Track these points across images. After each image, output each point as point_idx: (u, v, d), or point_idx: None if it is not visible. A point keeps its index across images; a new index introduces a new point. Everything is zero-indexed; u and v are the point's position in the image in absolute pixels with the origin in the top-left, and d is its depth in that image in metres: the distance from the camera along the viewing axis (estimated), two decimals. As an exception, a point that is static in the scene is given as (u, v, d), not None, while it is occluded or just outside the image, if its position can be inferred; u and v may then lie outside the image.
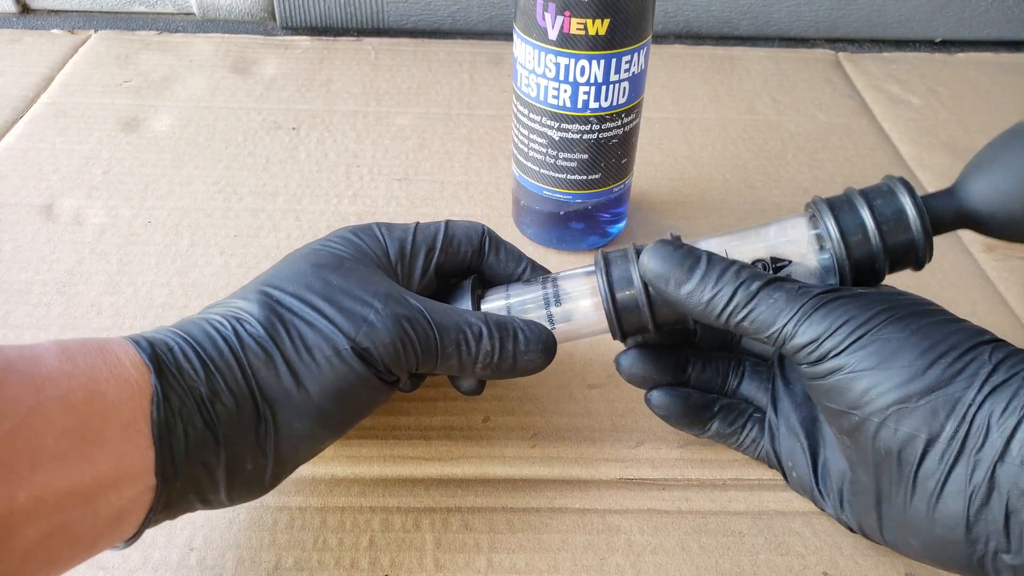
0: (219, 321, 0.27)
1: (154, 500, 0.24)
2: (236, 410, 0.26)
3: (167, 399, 0.24)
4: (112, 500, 0.23)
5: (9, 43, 0.61)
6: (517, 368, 0.31)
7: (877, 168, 0.53)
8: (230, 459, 0.26)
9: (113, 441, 0.23)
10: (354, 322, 0.28)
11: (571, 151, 0.40)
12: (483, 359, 0.30)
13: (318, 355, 0.27)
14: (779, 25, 0.68)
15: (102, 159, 0.50)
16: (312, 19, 0.66)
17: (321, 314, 0.28)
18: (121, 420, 0.23)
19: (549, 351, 0.31)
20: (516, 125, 0.42)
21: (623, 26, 0.36)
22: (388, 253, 0.31)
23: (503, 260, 0.34)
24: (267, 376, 0.26)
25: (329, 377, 0.27)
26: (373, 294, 0.29)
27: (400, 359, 0.28)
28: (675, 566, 0.31)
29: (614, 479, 0.34)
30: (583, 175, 0.41)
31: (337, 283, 0.29)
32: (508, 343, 0.30)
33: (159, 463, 0.24)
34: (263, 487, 0.28)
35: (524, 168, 0.42)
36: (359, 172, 0.51)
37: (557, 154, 0.40)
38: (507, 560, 0.31)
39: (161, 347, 0.26)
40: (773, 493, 0.33)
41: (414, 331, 0.29)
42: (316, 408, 0.27)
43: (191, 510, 0.27)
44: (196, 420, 0.25)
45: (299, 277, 0.29)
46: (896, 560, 0.31)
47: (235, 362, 0.26)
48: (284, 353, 0.27)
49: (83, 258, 0.43)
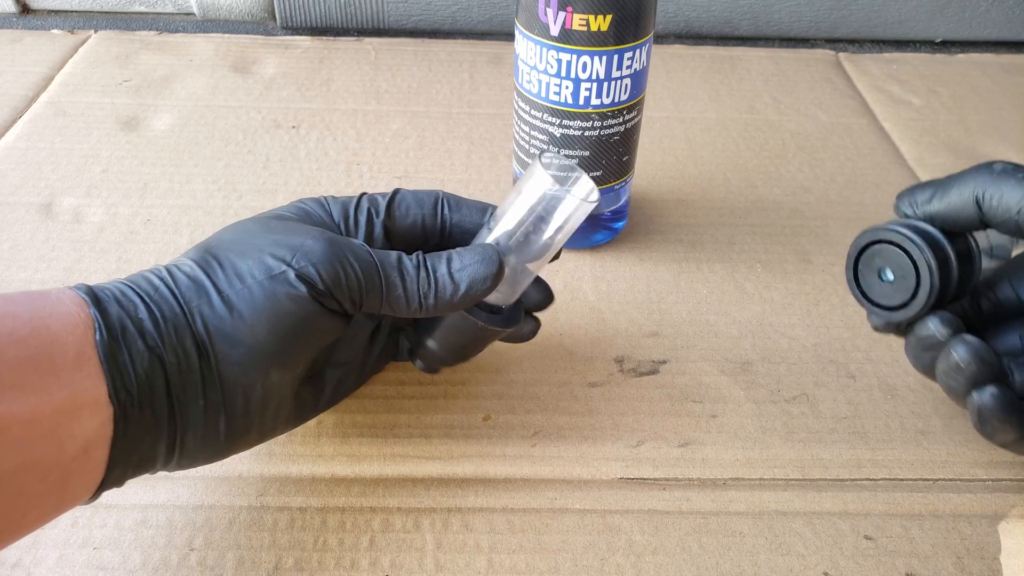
0: (156, 268, 0.28)
1: (114, 431, 0.25)
2: (176, 338, 0.26)
3: (109, 328, 0.25)
4: (75, 431, 0.24)
5: (9, 43, 0.61)
6: (467, 291, 0.30)
7: (877, 168, 0.53)
8: (180, 389, 0.26)
9: (65, 370, 0.24)
10: (290, 248, 0.28)
11: (572, 148, 0.40)
12: (424, 284, 0.29)
13: (249, 280, 0.27)
14: (779, 25, 0.68)
15: (101, 158, 0.50)
16: (312, 19, 0.66)
17: (255, 247, 0.28)
18: (70, 351, 0.24)
19: (489, 260, 0.30)
20: (517, 122, 0.42)
21: (625, 22, 0.36)
22: (332, 215, 0.32)
23: (467, 215, 0.33)
24: (200, 304, 0.27)
25: (261, 301, 0.27)
26: (310, 229, 0.29)
27: (341, 280, 0.28)
28: (675, 566, 0.31)
29: (614, 479, 0.34)
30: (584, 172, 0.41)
31: (275, 225, 0.29)
32: (441, 266, 0.30)
33: (112, 387, 0.24)
34: (218, 435, 0.27)
35: (525, 165, 0.42)
36: (359, 170, 0.50)
37: (558, 151, 0.40)
38: (507, 560, 0.31)
39: (98, 288, 0.27)
40: (773, 493, 0.33)
41: (354, 256, 0.28)
42: (251, 333, 0.27)
43: (153, 464, 0.27)
44: (139, 344, 0.25)
45: (237, 226, 0.30)
46: (896, 560, 0.31)
47: (170, 294, 0.27)
48: (216, 282, 0.27)
49: (82, 256, 0.43)
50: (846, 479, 0.34)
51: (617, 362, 0.39)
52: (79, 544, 0.30)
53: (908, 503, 0.33)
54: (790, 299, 0.43)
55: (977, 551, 0.32)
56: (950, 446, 0.36)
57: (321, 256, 0.28)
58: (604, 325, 0.41)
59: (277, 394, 0.29)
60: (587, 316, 0.41)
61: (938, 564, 0.31)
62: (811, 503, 0.33)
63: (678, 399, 0.37)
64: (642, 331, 0.41)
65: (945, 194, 0.31)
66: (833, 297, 0.43)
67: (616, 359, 0.39)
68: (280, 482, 0.33)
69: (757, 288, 0.44)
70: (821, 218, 0.49)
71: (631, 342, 0.40)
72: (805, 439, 0.36)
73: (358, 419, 0.35)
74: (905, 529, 0.32)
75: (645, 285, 0.43)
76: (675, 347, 0.40)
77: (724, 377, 0.38)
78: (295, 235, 0.28)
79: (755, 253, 0.46)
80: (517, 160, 0.43)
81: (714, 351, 0.40)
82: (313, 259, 0.28)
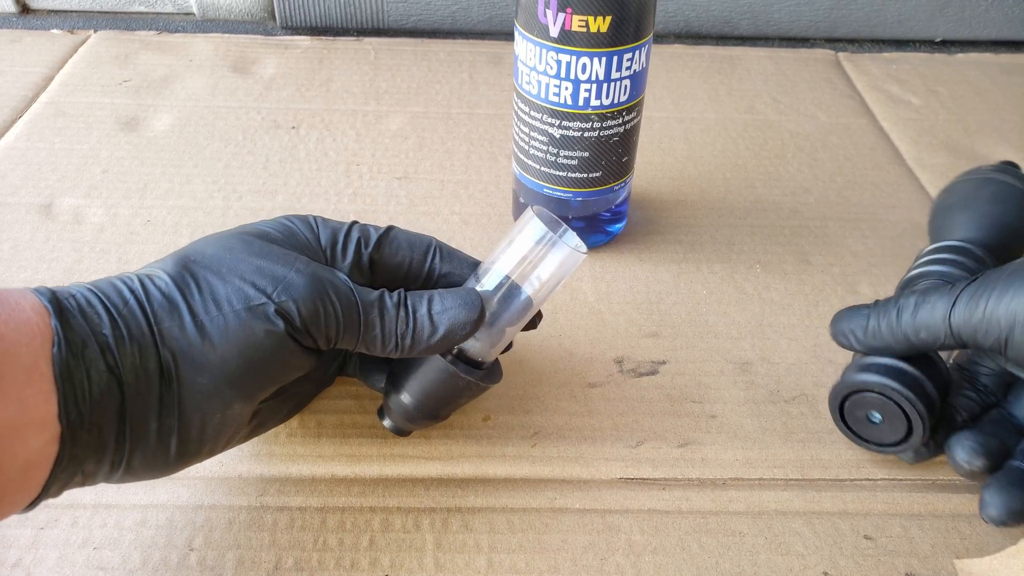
0: (129, 277, 0.27)
1: (59, 451, 0.23)
2: (140, 359, 0.25)
3: (68, 341, 0.23)
4: (16, 451, 0.22)
5: (9, 43, 0.61)
6: (445, 335, 0.29)
7: (877, 168, 0.53)
8: (134, 412, 0.25)
9: (15, 385, 0.22)
10: (272, 279, 0.27)
11: (572, 149, 0.40)
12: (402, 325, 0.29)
13: (226, 308, 0.26)
14: (779, 25, 0.68)
15: (101, 158, 0.50)
16: (312, 19, 0.66)
17: (236, 272, 0.27)
18: (23, 363, 0.22)
19: (470, 305, 0.29)
20: (517, 122, 0.42)
21: (625, 23, 0.36)
22: (319, 238, 0.30)
23: (456, 268, 0.32)
24: (171, 326, 0.25)
25: (236, 331, 0.26)
26: (295, 259, 0.28)
27: (319, 319, 0.27)
28: (675, 566, 0.31)
29: (614, 479, 0.34)
30: (584, 173, 0.41)
31: (259, 247, 0.28)
32: (422, 307, 0.29)
33: (63, 408, 0.23)
34: (167, 457, 0.26)
35: (524, 166, 0.42)
36: (359, 171, 0.50)
37: (558, 152, 0.40)
38: (507, 560, 0.31)
39: (63, 294, 0.25)
40: (773, 493, 0.33)
41: (336, 293, 0.28)
42: (220, 363, 0.26)
43: (94, 479, 0.25)
44: (99, 364, 0.24)
45: (219, 241, 0.28)
46: (896, 560, 0.31)
47: (139, 311, 0.25)
48: (191, 305, 0.26)
49: (82, 257, 0.43)
50: (845, 479, 0.34)
51: (617, 363, 0.39)
52: (79, 544, 0.30)
53: (908, 503, 0.33)
54: (789, 299, 0.43)
55: (977, 551, 0.32)
56: (949, 446, 0.36)
57: (303, 292, 0.27)
58: (604, 326, 0.41)
59: (235, 421, 0.28)
60: (587, 317, 0.41)
61: (938, 564, 0.31)
62: (811, 503, 0.33)
63: (677, 399, 0.37)
64: (642, 332, 0.41)
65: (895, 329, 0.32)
66: (832, 297, 0.43)
67: (616, 360, 0.39)
68: (280, 482, 0.33)
69: (756, 289, 0.44)
70: (820, 218, 0.49)
71: (631, 343, 0.40)
72: (804, 439, 0.36)
73: (358, 419, 0.35)
74: (905, 529, 0.32)
75: (645, 286, 0.43)
76: (675, 347, 0.40)
77: (723, 377, 0.38)
78: (278, 263, 0.28)
79: (754, 254, 0.46)
80: (517, 161, 0.43)
81: (713, 351, 0.40)
82: (294, 294, 0.27)
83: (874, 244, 0.47)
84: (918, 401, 0.32)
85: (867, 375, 0.32)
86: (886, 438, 0.33)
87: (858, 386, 0.33)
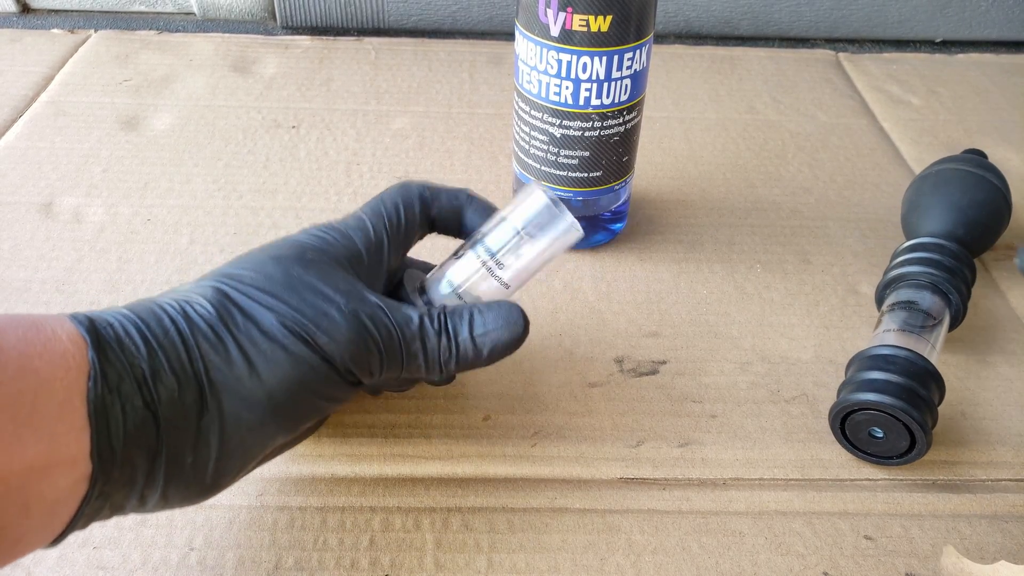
0: (168, 303, 0.26)
1: (88, 489, 0.22)
2: (178, 393, 0.24)
3: (105, 375, 0.22)
4: (44, 492, 0.21)
5: (9, 43, 0.61)
6: (489, 357, 0.29)
7: (877, 168, 0.53)
8: (170, 447, 0.24)
9: (46, 421, 0.21)
10: (314, 315, 0.26)
11: (572, 148, 0.40)
12: (444, 353, 0.28)
13: (272, 343, 0.25)
14: (779, 25, 0.68)
15: (102, 157, 0.50)
16: (312, 19, 0.66)
17: (281, 300, 0.26)
18: (55, 398, 0.21)
19: (513, 324, 0.29)
20: (517, 122, 0.42)
21: (626, 22, 0.36)
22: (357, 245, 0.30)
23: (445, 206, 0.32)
24: (216, 359, 0.25)
25: (285, 364, 0.25)
26: (335, 289, 0.27)
27: (363, 358, 0.27)
28: (675, 566, 0.31)
29: (614, 479, 0.34)
30: (584, 172, 0.41)
31: (297, 274, 0.27)
32: (463, 330, 0.29)
33: (95, 445, 0.22)
34: (203, 486, 0.25)
35: (525, 165, 0.42)
36: (359, 170, 0.50)
37: (558, 151, 0.40)
38: (507, 560, 0.31)
39: (101, 323, 0.24)
40: (773, 493, 0.33)
41: (376, 329, 0.27)
42: (268, 397, 0.25)
43: (123, 511, 0.25)
44: (135, 400, 0.23)
45: (257, 266, 0.27)
46: (896, 560, 0.31)
47: (180, 342, 0.24)
48: (236, 337, 0.25)
49: (82, 256, 0.43)
50: (845, 479, 0.34)
51: (617, 362, 0.39)
52: (79, 544, 0.30)
53: (908, 503, 0.33)
54: (789, 299, 0.43)
55: (977, 551, 0.32)
56: (949, 446, 0.36)
57: (345, 334, 0.26)
58: (604, 325, 0.41)
59: (275, 452, 0.28)
60: (587, 316, 0.41)
61: (938, 564, 0.31)
62: (811, 503, 0.33)
63: (678, 399, 0.37)
64: (642, 331, 0.41)
65: None
66: (832, 297, 0.43)
67: (616, 359, 0.39)
68: (280, 482, 0.33)
69: (757, 288, 0.44)
70: (820, 218, 0.49)
71: (631, 342, 0.40)
72: (805, 439, 0.36)
73: (358, 419, 0.35)
74: (905, 529, 0.32)
75: (645, 285, 0.43)
76: (675, 347, 0.40)
77: (724, 377, 0.38)
78: (318, 293, 0.27)
79: (755, 253, 0.46)
80: (517, 161, 0.43)
81: (714, 351, 0.40)
82: (336, 335, 0.26)
83: (874, 244, 0.47)
84: (919, 414, 0.32)
85: (865, 394, 0.33)
86: (890, 451, 0.34)
87: (857, 405, 0.33)
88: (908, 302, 0.37)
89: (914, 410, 0.32)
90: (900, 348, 0.34)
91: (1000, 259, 0.46)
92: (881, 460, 0.34)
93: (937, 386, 0.34)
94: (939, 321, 0.37)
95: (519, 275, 0.31)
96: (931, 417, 0.33)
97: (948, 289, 0.38)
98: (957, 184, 0.42)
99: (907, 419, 0.32)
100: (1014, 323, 0.42)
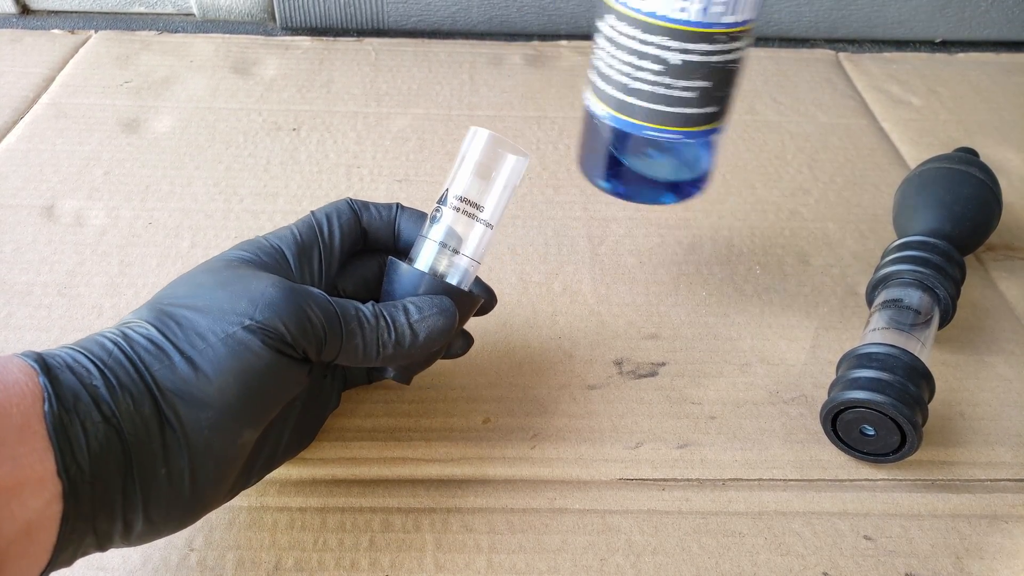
0: (108, 331, 0.26)
1: (64, 509, 0.23)
2: (134, 406, 0.24)
3: (59, 396, 0.23)
4: (15, 511, 0.22)
5: (9, 43, 0.61)
6: (426, 342, 0.30)
7: (877, 169, 0.53)
8: (139, 459, 0.24)
9: (6, 446, 0.22)
10: (250, 300, 0.27)
11: (690, 78, 0.35)
12: (383, 333, 0.29)
13: (212, 338, 0.26)
14: (779, 25, 0.68)
15: (103, 160, 0.50)
16: (312, 20, 0.66)
17: (213, 303, 0.27)
18: (13, 423, 0.22)
19: (446, 312, 0.30)
20: (617, 54, 0.36)
21: None
22: (285, 256, 0.31)
23: (375, 216, 0.33)
24: (161, 369, 0.25)
25: (227, 359, 0.26)
26: (266, 277, 0.28)
27: (306, 329, 0.27)
28: (675, 566, 0.31)
29: (614, 479, 0.34)
30: (698, 108, 0.36)
31: (227, 277, 0.28)
32: (400, 315, 0.29)
33: (60, 463, 0.23)
34: (185, 501, 0.26)
35: (622, 105, 0.37)
36: (359, 173, 0.51)
37: (672, 83, 0.35)
38: (507, 561, 0.31)
39: (48, 355, 0.25)
40: (773, 493, 0.33)
41: (315, 303, 0.28)
42: (219, 392, 0.25)
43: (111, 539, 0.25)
44: (93, 415, 0.24)
45: (188, 280, 0.28)
46: (896, 560, 0.31)
47: (126, 360, 0.25)
48: (176, 344, 0.26)
49: (84, 259, 0.43)
50: (845, 479, 0.34)
51: (616, 364, 0.39)
52: (81, 546, 0.30)
53: (907, 503, 0.33)
54: (789, 300, 0.43)
55: (976, 551, 0.32)
56: (948, 446, 0.36)
57: (283, 306, 0.27)
58: (603, 327, 0.41)
59: (246, 451, 0.28)
60: (586, 318, 0.41)
61: (937, 564, 0.31)
62: (810, 503, 0.33)
63: (677, 401, 0.37)
64: (641, 333, 0.41)
65: None
66: (832, 299, 0.43)
67: (615, 361, 0.39)
68: (280, 483, 0.33)
69: (756, 290, 0.44)
70: (820, 220, 0.49)
71: (630, 344, 0.40)
72: (804, 440, 0.36)
73: (358, 423, 0.35)
74: (904, 529, 0.32)
75: (644, 287, 0.43)
76: (674, 349, 0.40)
77: (723, 379, 0.38)
78: (252, 283, 0.27)
79: (754, 255, 0.46)
80: (608, 100, 0.37)
81: (713, 353, 0.40)
82: (277, 310, 0.27)
83: (874, 245, 0.47)
84: (906, 409, 0.32)
85: (851, 392, 0.33)
86: (883, 448, 0.34)
87: (844, 404, 0.33)
88: (895, 300, 0.37)
89: (901, 405, 0.32)
90: (885, 345, 0.34)
91: (999, 259, 0.46)
92: (875, 458, 0.34)
93: (925, 381, 0.34)
94: (928, 318, 0.37)
95: (495, 211, 0.32)
96: (920, 411, 0.33)
97: (935, 286, 0.38)
98: (942, 182, 0.42)
99: (894, 414, 0.32)
100: (1012, 323, 0.42)
